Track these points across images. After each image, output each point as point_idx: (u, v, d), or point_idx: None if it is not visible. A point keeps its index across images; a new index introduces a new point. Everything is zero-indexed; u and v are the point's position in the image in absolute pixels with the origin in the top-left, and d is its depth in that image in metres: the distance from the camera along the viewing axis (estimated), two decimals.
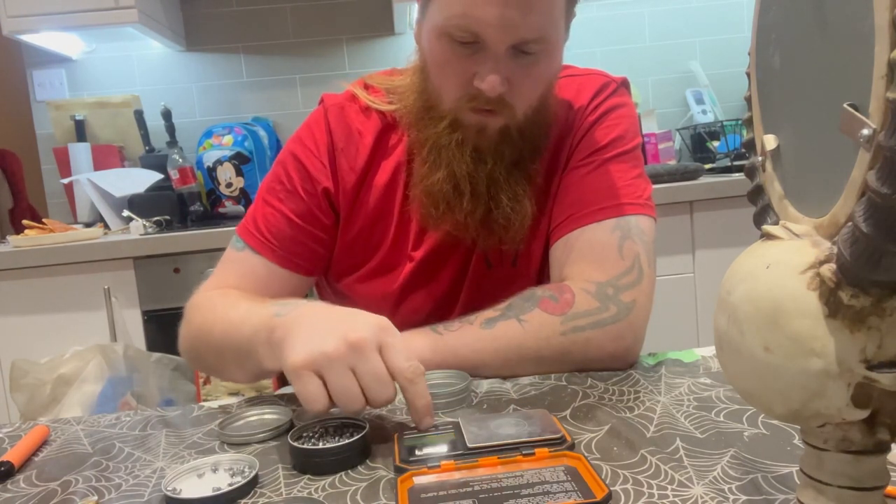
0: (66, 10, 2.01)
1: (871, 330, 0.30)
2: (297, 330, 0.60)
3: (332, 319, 0.61)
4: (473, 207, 0.81)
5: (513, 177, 0.81)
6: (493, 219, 0.82)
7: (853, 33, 0.29)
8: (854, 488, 0.35)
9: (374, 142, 0.88)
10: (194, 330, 0.81)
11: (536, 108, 0.80)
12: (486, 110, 0.77)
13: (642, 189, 0.85)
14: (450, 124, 0.79)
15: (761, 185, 0.39)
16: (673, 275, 1.94)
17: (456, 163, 0.79)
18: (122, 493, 0.54)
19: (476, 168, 0.80)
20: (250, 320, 0.68)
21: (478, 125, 0.78)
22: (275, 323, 0.63)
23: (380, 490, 0.50)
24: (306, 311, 0.63)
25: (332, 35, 2.48)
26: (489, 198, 0.81)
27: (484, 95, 0.75)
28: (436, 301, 0.89)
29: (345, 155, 0.88)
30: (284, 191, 0.88)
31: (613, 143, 0.86)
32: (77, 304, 1.80)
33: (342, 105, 0.90)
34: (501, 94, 0.75)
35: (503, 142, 0.79)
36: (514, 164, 0.81)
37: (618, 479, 0.49)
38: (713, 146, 2.26)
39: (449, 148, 0.79)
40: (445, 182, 0.80)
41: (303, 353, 0.57)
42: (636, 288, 0.77)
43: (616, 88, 0.89)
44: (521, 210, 0.81)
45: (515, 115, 0.78)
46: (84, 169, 2.24)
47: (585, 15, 2.51)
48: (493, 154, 0.80)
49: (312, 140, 0.89)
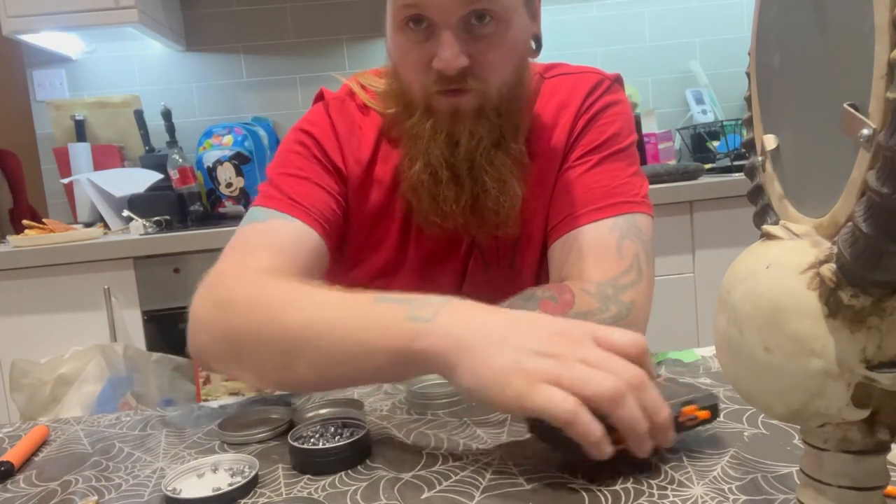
0: (66, 10, 2.01)
1: (871, 330, 0.30)
2: (489, 339, 0.51)
3: (519, 321, 0.53)
4: (457, 195, 0.79)
5: (497, 158, 0.79)
6: (483, 205, 0.80)
7: (853, 33, 0.29)
8: (854, 488, 0.35)
9: (376, 138, 0.87)
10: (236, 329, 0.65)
11: (512, 85, 0.79)
12: (454, 90, 0.75)
13: (639, 187, 0.85)
14: (423, 113, 0.78)
15: (761, 185, 0.39)
16: (673, 275, 1.94)
17: (431, 150, 0.78)
18: (122, 493, 0.54)
19: (452, 152, 0.78)
20: (369, 318, 0.57)
21: (450, 109, 0.77)
22: (415, 329, 0.54)
23: (380, 490, 0.50)
24: (460, 312, 0.55)
25: (332, 35, 2.48)
26: (473, 183, 0.79)
27: (446, 76, 0.74)
28: None
29: (348, 147, 0.86)
30: (308, 162, 0.84)
31: (609, 142, 0.85)
32: (77, 304, 1.80)
33: (342, 99, 0.89)
34: (464, 69, 0.74)
35: (480, 123, 0.77)
36: (495, 144, 0.79)
37: (617, 479, 0.49)
38: (713, 146, 2.26)
39: (423, 136, 0.78)
40: (423, 172, 0.78)
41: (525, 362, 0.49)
42: (635, 288, 0.77)
43: (610, 86, 0.89)
44: (508, 191, 0.79)
45: (488, 92, 0.76)
46: (84, 169, 2.24)
47: (585, 15, 2.51)
48: (469, 136, 0.77)
49: (316, 127, 0.87)
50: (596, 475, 0.49)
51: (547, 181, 0.86)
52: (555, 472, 0.51)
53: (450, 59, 0.72)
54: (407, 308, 0.56)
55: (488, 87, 0.76)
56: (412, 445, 0.58)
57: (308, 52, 2.48)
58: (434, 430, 0.61)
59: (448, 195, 0.78)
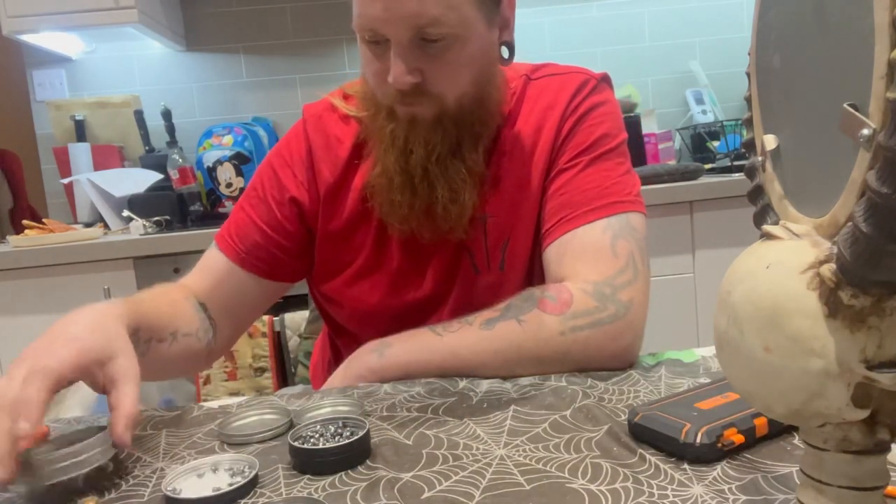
0: (66, 10, 2.01)
1: (871, 330, 0.30)
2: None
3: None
4: (411, 200, 0.81)
5: (451, 166, 0.81)
6: (434, 210, 0.82)
7: (853, 33, 0.29)
8: (854, 488, 0.35)
9: (353, 146, 0.89)
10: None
11: (474, 96, 0.80)
12: (410, 102, 0.78)
13: (631, 185, 0.85)
14: (385, 118, 0.81)
15: (761, 185, 0.39)
16: (673, 275, 1.94)
17: (387, 156, 0.81)
18: (122, 492, 0.54)
19: (406, 159, 0.80)
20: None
21: (408, 116, 0.79)
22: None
23: (380, 490, 0.50)
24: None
25: (332, 35, 2.48)
26: (427, 189, 0.81)
27: (399, 90, 0.76)
28: (422, 304, 0.89)
29: (324, 161, 0.89)
30: (256, 197, 0.92)
31: (598, 143, 0.85)
32: (77, 304, 1.79)
33: (320, 115, 0.92)
34: (417, 85, 0.76)
35: (434, 131, 0.79)
36: (451, 153, 0.81)
37: (618, 478, 0.49)
38: (713, 146, 2.26)
39: (383, 142, 0.81)
40: (381, 175, 0.82)
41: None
42: (632, 286, 0.77)
43: (596, 86, 0.89)
44: (459, 199, 0.81)
45: (445, 103, 0.78)
46: (84, 169, 2.24)
47: (585, 15, 2.51)
48: (423, 144, 0.80)
49: (288, 150, 0.92)
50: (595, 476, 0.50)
51: (533, 183, 0.86)
52: (555, 471, 0.51)
53: (398, 76, 0.75)
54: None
55: (445, 100, 0.78)
56: (412, 445, 0.58)
57: (308, 52, 2.48)
58: (434, 430, 0.61)
59: (402, 200, 0.81)
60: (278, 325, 1.54)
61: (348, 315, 0.93)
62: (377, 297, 0.89)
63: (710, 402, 0.56)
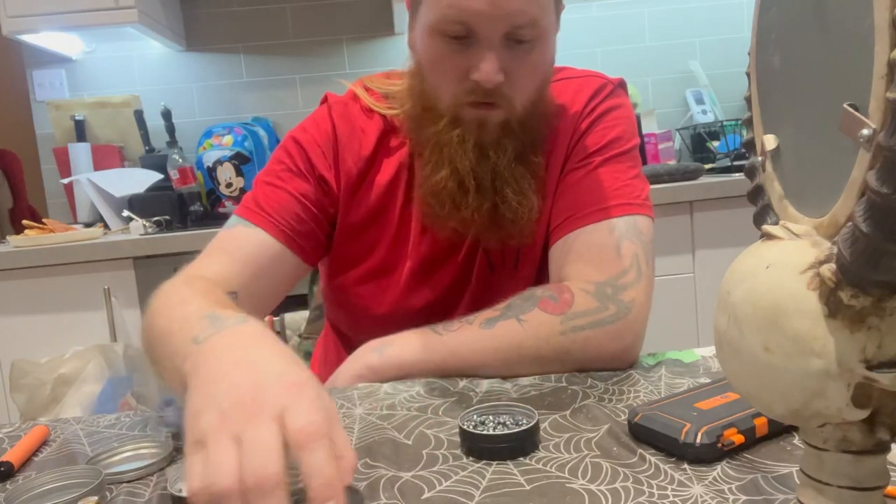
0: (66, 10, 2.01)
1: (871, 330, 0.30)
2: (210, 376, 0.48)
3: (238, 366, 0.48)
4: (479, 203, 0.80)
5: (517, 171, 0.81)
6: (500, 214, 0.81)
7: (853, 33, 0.29)
8: (854, 488, 0.35)
9: (377, 140, 0.88)
10: (147, 317, 0.70)
11: (535, 101, 0.80)
12: (485, 104, 0.77)
13: (640, 189, 0.85)
14: (450, 121, 0.79)
15: (761, 185, 0.39)
16: (673, 275, 1.94)
17: (459, 159, 0.79)
18: (123, 493, 0.54)
19: (479, 163, 0.79)
20: (182, 331, 0.58)
21: (478, 120, 0.78)
22: (188, 351, 0.53)
23: (380, 490, 0.50)
24: (227, 340, 0.52)
25: (332, 35, 2.48)
26: (494, 193, 0.81)
27: (482, 88, 0.75)
28: (436, 303, 0.89)
29: (348, 149, 0.88)
30: (287, 171, 0.86)
31: (611, 145, 0.86)
32: (77, 304, 1.80)
33: (346, 102, 0.90)
34: (499, 85, 0.75)
35: (505, 135, 0.79)
36: (518, 157, 0.81)
37: (617, 478, 0.49)
38: (713, 146, 2.26)
39: (451, 145, 0.79)
40: (450, 180, 0.80)
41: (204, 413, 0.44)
42: (635, 287, 0.77)
43: (613, 90, 0.90)
44: (527, 203, 0.81)
45: (515, 108, 0.78)
46: (84, 169, 2.24)
47: (585, 15, 2.51)
48: (495, 148, 0.79)
49: (316, 129, 0.88)
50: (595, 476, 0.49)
51: (549, 184, 0.87)
52: (555, 471, 0.51)
53: (491, 73, 0.73)
54: (200, 328, 0.55)
55: (516, 104, 0.78)
56: (412, 445, 0.58)
57: (308, 52, 2.48)
58: (434, 430, 0.61)
59: (471, 203, 0.80)
60: (278, 326, 1.54)
61: (357, 320, 0.92)
62: (393, 297, 0.89)
63: (710, 402, 0.56)
